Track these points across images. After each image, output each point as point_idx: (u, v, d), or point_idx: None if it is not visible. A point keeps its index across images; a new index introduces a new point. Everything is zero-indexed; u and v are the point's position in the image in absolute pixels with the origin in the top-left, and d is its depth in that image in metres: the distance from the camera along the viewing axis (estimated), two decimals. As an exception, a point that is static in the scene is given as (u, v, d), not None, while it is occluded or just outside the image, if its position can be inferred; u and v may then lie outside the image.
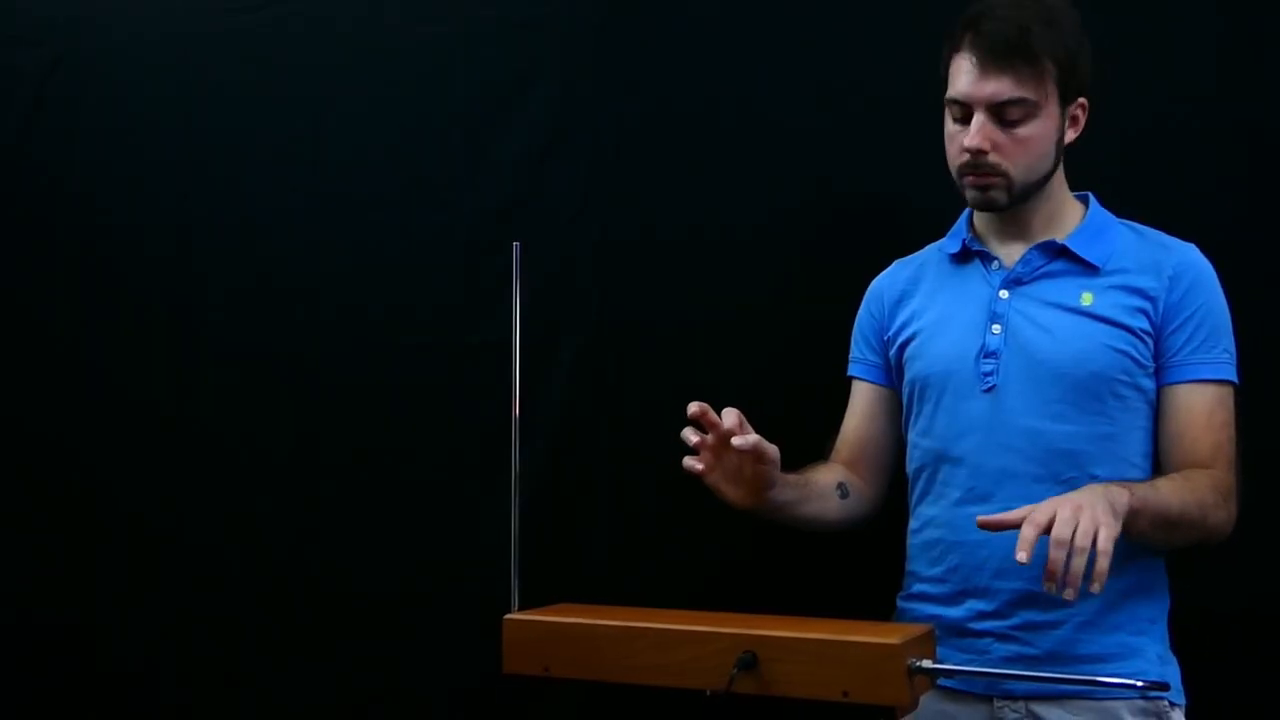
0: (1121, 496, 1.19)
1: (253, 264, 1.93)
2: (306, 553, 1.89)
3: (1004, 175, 1.35)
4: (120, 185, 1.98)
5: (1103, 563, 1.11)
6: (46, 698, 1.99)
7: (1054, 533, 1.12)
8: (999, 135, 1.34)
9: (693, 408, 1.27)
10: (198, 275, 1.95)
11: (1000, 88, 1.32)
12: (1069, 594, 1.12)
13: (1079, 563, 1.11)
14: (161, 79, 1.95)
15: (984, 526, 1.19)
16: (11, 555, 2.00)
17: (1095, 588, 1.12)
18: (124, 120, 1.97)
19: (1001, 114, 1.33)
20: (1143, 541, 1.28)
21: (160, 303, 1.96)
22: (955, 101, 1.36)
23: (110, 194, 1.98)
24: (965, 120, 1.35)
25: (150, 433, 1.96)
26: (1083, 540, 1.11)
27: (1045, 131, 1.34)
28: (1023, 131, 1.33)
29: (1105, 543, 1.12)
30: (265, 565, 1.90)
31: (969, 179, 1.37)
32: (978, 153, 1.34)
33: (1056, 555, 1.12)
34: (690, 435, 1.29)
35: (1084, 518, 1.13)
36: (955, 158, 1.38)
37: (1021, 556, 1.12)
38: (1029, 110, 1.33)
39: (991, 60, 1.32)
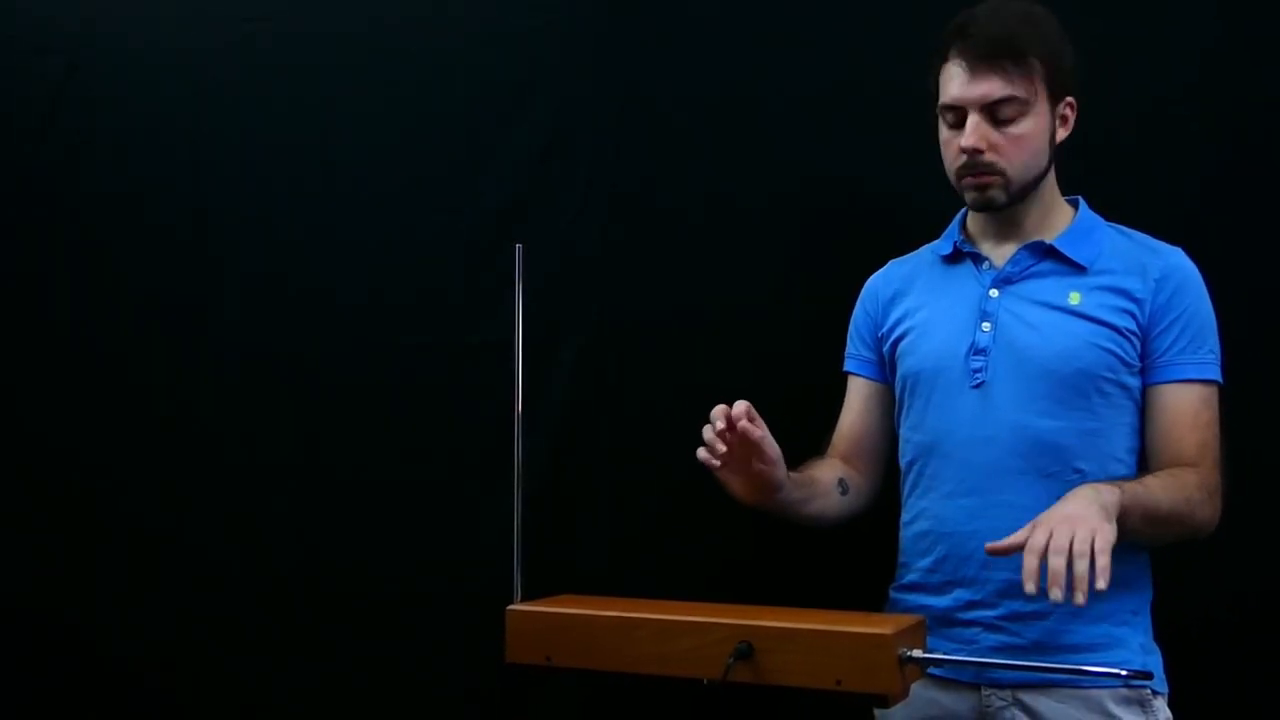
0: (1113, 496, 1.22)
1: (258, 265, 1.94)
2: (310, 550, 1.90)
3: (1001, 174, 1.38)
4: (130, 187, 1.99)
5: (1102, 560, 1.14)
6: (47, 698, 1.99)
7: (1053, 544, 1.15)
8: (994, 135, 1.37)
9: (717, 411, 1.29)
10: (201, 276, 1.96)
11: (991, 87, 1.35)
12: (1078, 598, 1.13)
13: (1081, 566, 1.14)
14: (171, 85, 1.97)
15: (992, 553, 1.22)
16: (12, 555, 2.01)
17: (1101, 584, 1.14)
18: (135, 124, 1.99)
19: (995, 113, 1.36)
20: (1132, 538, 1.30)
21: (162, 303, 1.98)
22: (949, 107, 1.39)
23: (120, 196, 2.00)
24: (959, 125, 1.38)
25: (150, 433, 1.97)
26: (1081, 546, 1.14)
27: (1038, 129, 1.38)
28: (1016, 129, 1.37)
29: (1103, 544, 1.15)
30: (267, 564, 1.91)
31: (967, 180, 1.40)
32: (974, 152, 1.37)
33: (1057, 563, 1.14)
34: (709, 435, 1.30)
35: (1079, 529, 1.16)
36: (952, 162, 1.41)
37: (1029, 588, 1.15)
38: (1021, 108, 1.36)
39: (981, 62, 1.35)
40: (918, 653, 1.15)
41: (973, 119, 1.37)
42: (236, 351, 1.95)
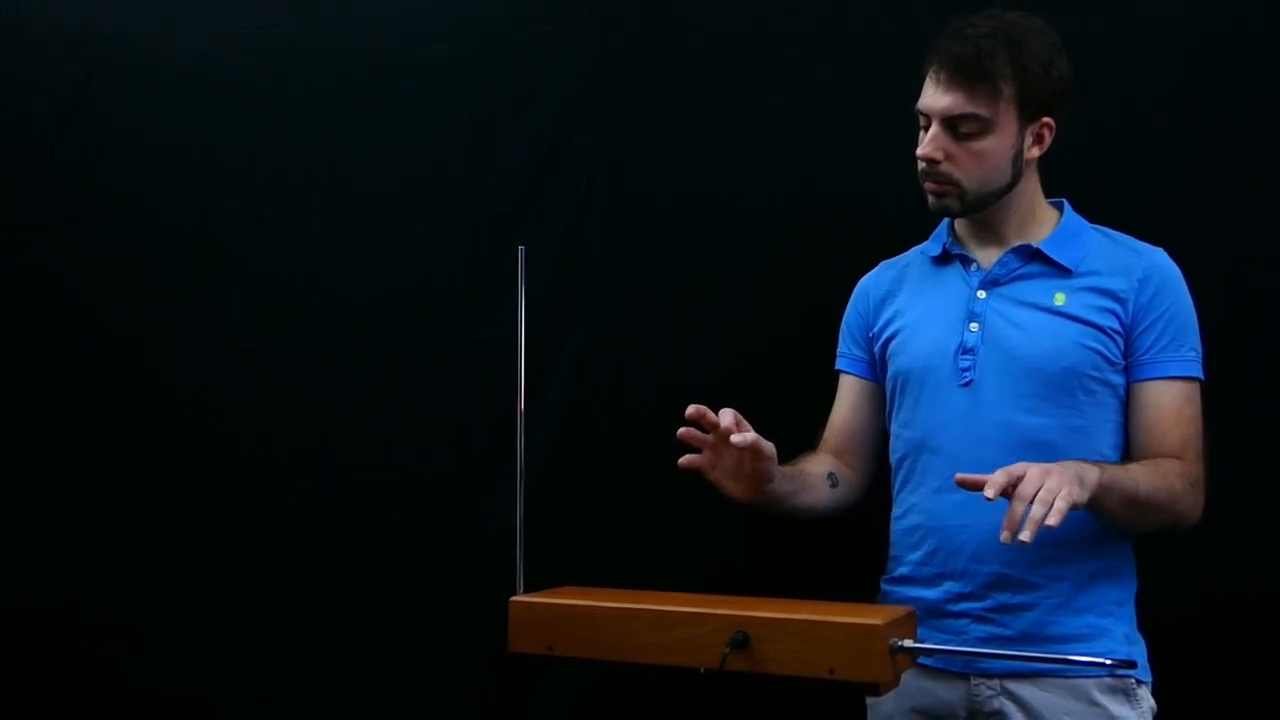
0: (1091, 473, 1.25)
1: (265, 266, 1.96)
2: (315, 545, 1.92)
3: (955, 184, 1.41)
4: (143, 189, 2.01)
5: (1061, 504, 1.18)
6: (52, 696, 2.00)
7: (1019, 488, 1.19)
8: (953, 147, 1.40)
9: (690, 410, 1.32)
10: (213, 278, 1.98)
11: (954, 103, 1.38)
12: (1024, 536, 1.17)
13: (1037, 511, 1.17)
14: (184, 90, 2.00)
15: (961, 483, 1.25)
16: (16, 555, 2.02)
17: (1052, 520, 1.17)
18: (149, 128, 2.01)
19: (956, 128, 1.39)
20: (1112, 520, 1.33)
21: (171, 302, 1.99)
22: (920, 112, 1.43)
23: (133, 196, 2.02)
24: (928, 129, 1.41)
25: (157, 429, 1.99)
26: (1046, 495, 1.18)
27: (999, 147, 1.39)
28: (976, 146, 1.39)
29: (1065, 496, 1.19)
30: (271, 559, 1.93)
31: (926, 184, 1.43)
32: (930, 161, 1.40)
33: (1017, 507, 1.18)
34: (683, 434, 1.34)
35: (1049, 480, 1.20)
36: (919, 164, 1.44)
37: (989, 493, 1.19)
38: (982, 126, 1.38)
39: (949, 77, 1.38)
40: (908, 643, 1.18)
41: (934, 129, 1.40)
42: (243, 351, 1.97)
